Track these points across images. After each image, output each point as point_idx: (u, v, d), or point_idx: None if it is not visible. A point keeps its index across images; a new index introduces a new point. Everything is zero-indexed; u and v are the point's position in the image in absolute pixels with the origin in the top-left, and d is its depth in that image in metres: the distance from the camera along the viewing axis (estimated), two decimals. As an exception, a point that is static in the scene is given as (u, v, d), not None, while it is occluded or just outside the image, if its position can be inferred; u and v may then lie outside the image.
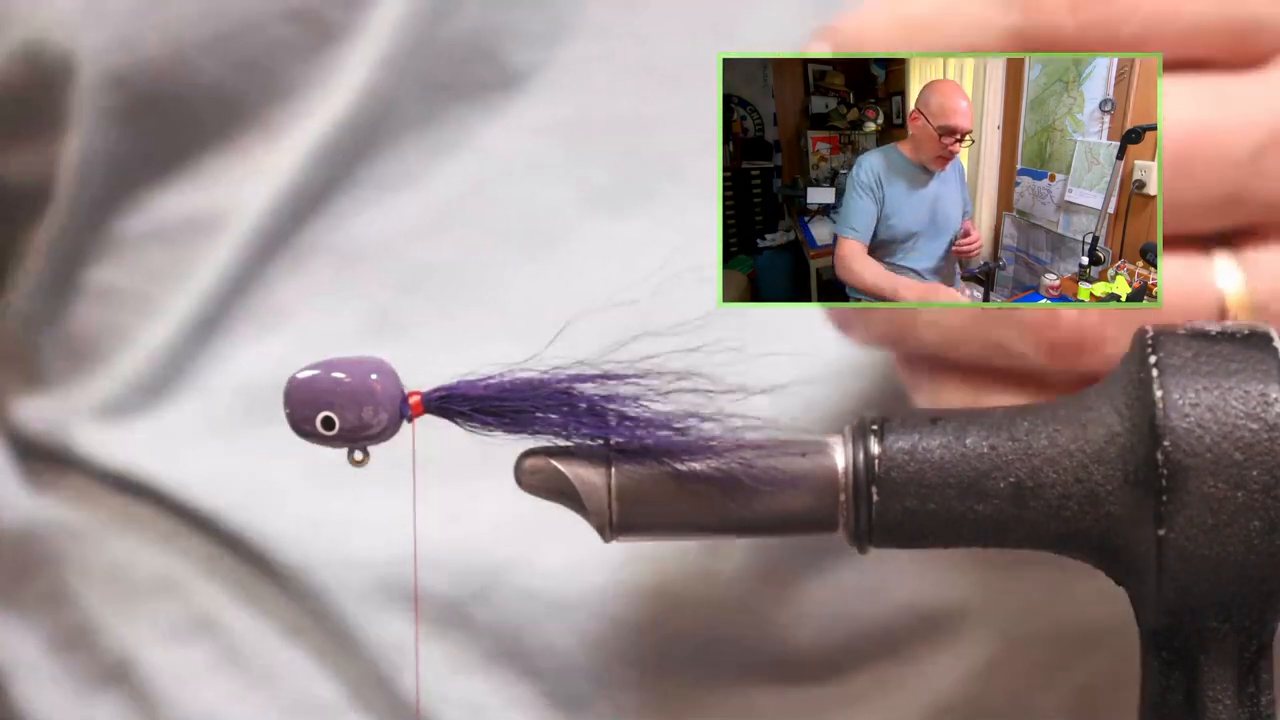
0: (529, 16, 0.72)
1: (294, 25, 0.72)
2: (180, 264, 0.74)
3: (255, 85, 0.72)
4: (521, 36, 0.72)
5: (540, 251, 0.72)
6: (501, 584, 0.71)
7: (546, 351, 0.51)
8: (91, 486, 0.76)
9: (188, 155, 0.74)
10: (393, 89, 0.72)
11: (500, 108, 0.72)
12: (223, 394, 0.74)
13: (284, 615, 0.74)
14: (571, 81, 0.72)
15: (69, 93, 0.73)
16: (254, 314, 0.74)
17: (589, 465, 0.50)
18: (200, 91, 0.72)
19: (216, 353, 0.74)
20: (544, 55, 0.72)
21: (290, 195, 0.73)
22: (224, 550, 0.74)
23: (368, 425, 0.51)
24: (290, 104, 0.73)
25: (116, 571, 0.76)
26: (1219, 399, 0.48)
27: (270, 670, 0.74)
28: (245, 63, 0.72)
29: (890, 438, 0.50)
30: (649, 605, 0.72)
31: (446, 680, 0.72)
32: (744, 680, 0.72)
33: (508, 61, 0.72)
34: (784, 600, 0.71)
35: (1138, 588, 0.49)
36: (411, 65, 0.72)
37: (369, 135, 0.72)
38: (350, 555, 0.72)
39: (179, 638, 0.75)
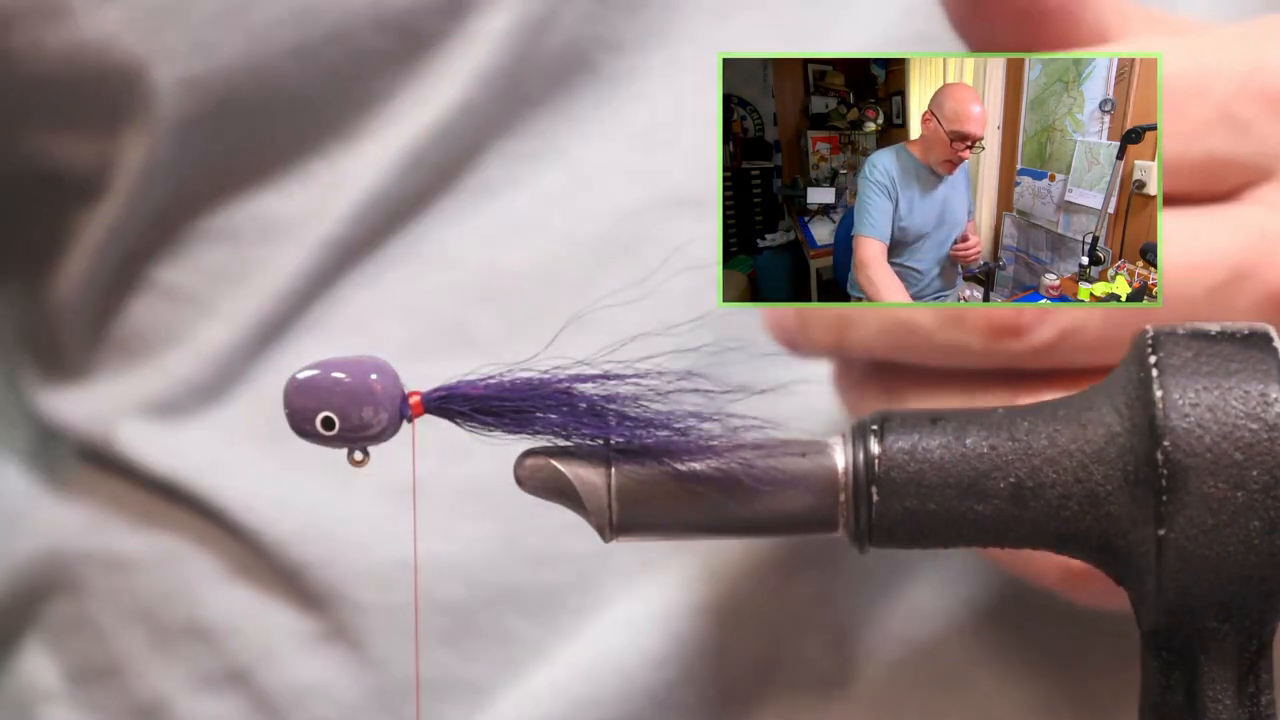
0: (623, 26, 0.72)
1: (384, 35, 0.71)
2: (246, 267, 0.74)
3: (339, 94, 0.72)
4: (614, 46, 0.72)
5: (620, 259, 0.72)
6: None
7: (546, 351, 0.51)
8: (130, 490, 0.75)
9: (264, 160, 0.73)
10: (484, 100, 0.71)
11: (590, 117, 0.72)
12: (274, 400, 0.73)
13: (326, 660, 0.73)
14: (662, 89, 0.72)
15: (136, 94, 0.72)
16: (321, 322, 0.73)
17: (589, 465, 0.50)
18: (281, 99, 0.72)
19: (276, 360, 0.74)
20: (638, 63, 0.72)
21: (370, 204, 0.72)
22: (257, 557, 0.73)
23: (368, 425, 0.51)
24: (375, 113, 0.72)
25: (149, 611, 0.75)
26: (1219, 399, 0.48)
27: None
28: (330, 71, 0.71)
29: (890, 438, 0.50)
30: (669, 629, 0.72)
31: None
32: (748, 694, 0.72)
33: (601, 71, 0.72)
34: (785, 612, 0.71)
35: (1138, 588, 0.49)
36: (506, 77, 0.71)
37: (456, 146, 0.72)
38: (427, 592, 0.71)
39: (211, 688, 0.74)
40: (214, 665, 0.73)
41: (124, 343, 0.76)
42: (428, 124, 0.71)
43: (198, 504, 0.73)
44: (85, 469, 0.77)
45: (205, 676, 0.74)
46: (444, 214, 0.72)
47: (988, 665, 0.71)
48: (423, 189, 0.72)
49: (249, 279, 0.73)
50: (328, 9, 0.70)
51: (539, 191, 0.72)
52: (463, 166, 0.72)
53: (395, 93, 0.72)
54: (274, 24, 0.71)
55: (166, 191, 0.73)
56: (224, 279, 0.74)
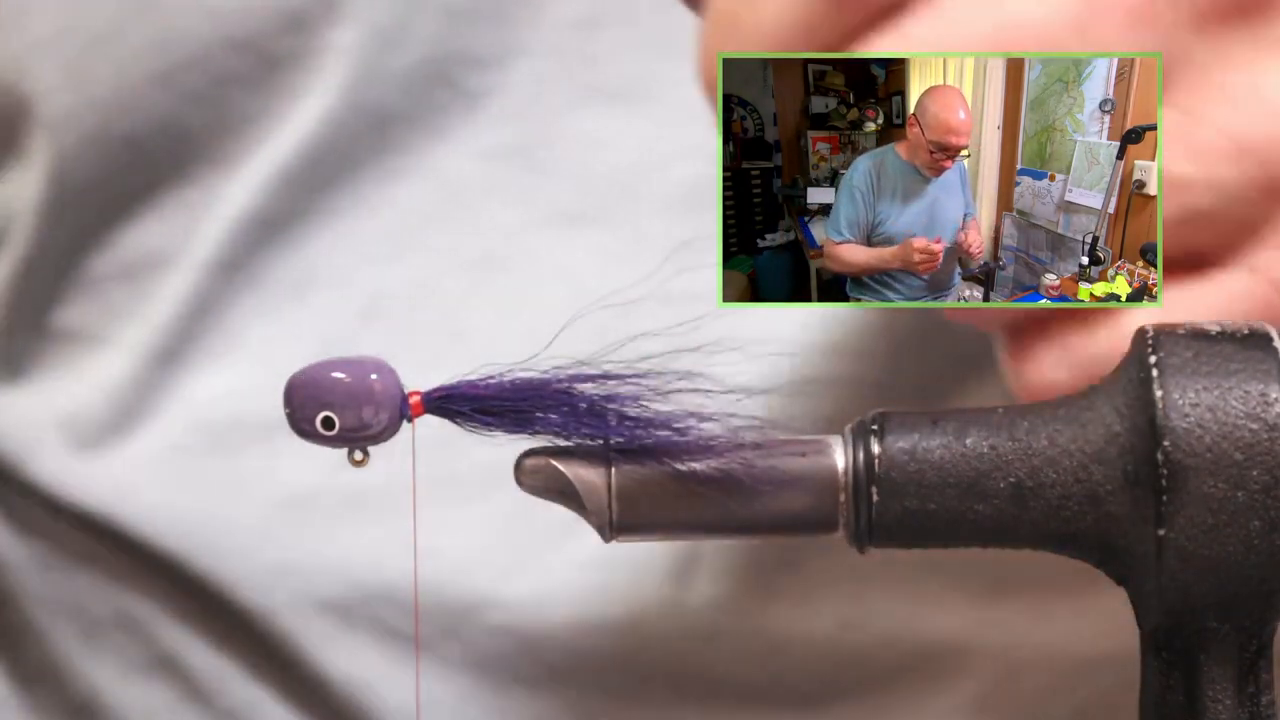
0: (481, 40, 0.72)
1: (239, 56, 0.71)
2: (139, 298, 0.74)
3: (207, 117, 0.72)
4: (474, 61, 0.72)
5: (497, 275, 0.72)
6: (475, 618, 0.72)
7: (546, 351, 0.51)
8: (49, 519, 0.76)
9: (145, 190, 0.73)
10: (346, 117, 0.72)
11: (455, 132, 0.72)
12: (182, 427, 0.74)
13: (247, 655, 0.74)
14: (525, 104, 0.72)
15: (26, 132, 0.73)
16: (210, 345, 0.73)
17: (589, 465, 0.50)
18: (153, 126, 0.72)
19: (174, 386, 0.74)
20: (497, 79, 0.72)
21: (245, 226, 0.73)
22: (185, 589, 0.74)
23: (368, 425, 0.51)
24: (243, 134, 0.72)
25: (79, 607, 0.76)
26: (1219, 399, 0.48)
27: (234, 709, 0.74)
28: (194, 95, 0.72)
29: (890, 438, 0.50)
30: (625, 636, 0.72)
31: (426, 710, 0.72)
32: (731, 709, 0.72)
33: (462, 86, 0.72)
34: (769, 629, 0.71)
35: (1138, 588, 0.49)
36: (363, 93, 0.71)
37: (323, 163, 0.72)
38: (313, 592, 0.72)
39: (143, 675, 0.75)
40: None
41: (30, 380, 0.76)
42: (294, 143, 0.72)
43: (118, 536, 0.74)
44: (8, 496, 0.78)
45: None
46: (322, 232, 0.73)
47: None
48: (297, 208, 0.73)
49: (141, 310, 0.74)
50: (184, 34, 0.71)
51: (413, 209, 0.72)
52: (334, 184, 0.73)
53: (258, 114, 0.72)
54: (137, 52, 0.71)
55: (63, 230, 0.74)
56: (120, 313, 0.75)
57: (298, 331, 0.73)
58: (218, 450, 0.73)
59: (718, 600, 0.71)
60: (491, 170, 0.72)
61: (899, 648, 0.72)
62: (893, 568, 0.70)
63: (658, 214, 0.70)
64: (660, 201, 0.71)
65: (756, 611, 0.71)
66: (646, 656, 0.71)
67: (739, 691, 0.71)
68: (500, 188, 0.72)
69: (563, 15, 0.72)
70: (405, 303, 0.73)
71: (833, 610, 0.71)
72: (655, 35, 0.71)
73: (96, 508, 0.74)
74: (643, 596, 0.71)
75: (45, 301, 0.76)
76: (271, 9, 0.71)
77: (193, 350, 0.74)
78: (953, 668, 0.72)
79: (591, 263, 0.71)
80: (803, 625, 0.71)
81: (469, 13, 0.71)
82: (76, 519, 0.75)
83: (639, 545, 0.70)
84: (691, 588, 0.71)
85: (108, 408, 0.74)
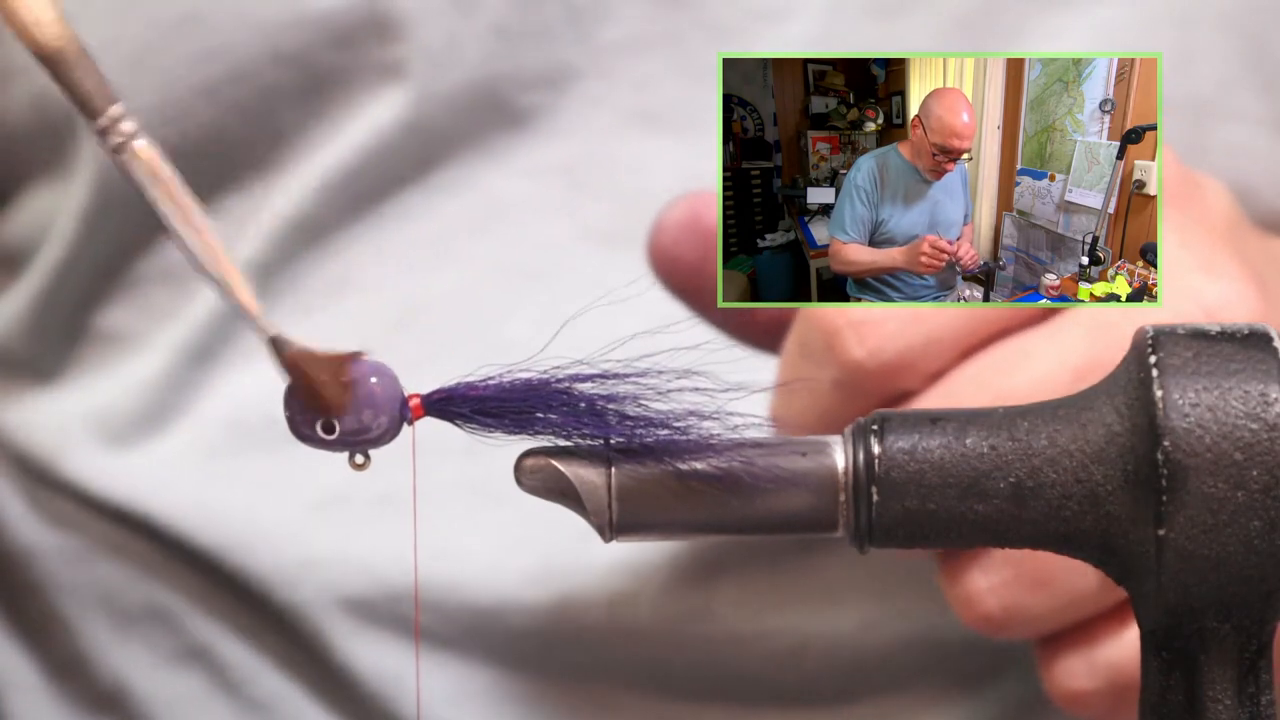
0: (530, 61, 0.72)
1: (284, 70, 0.72)
2: (178, 299, 0.75)
3: (251, 129, 0.73)
4: (523, 81, 0.72)
5: (534, 289, 0.73)
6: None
7: (546, 351, 0.51)
8: (81, 513, 0.76)
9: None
10: (393, 132, 0.72)
11: (501, 150, 0.73)
12: (215, 425, 0.75)
13: (277, 647, 0.74)
14: (572, 125, 0.72)
15: (74, 142, 0.74)
16: (245, 346, 0.74)
17: (589, 465, 0.50)
18: (197, 137, 0.73)
19: (208, 384, 0.75)
20: (546, 99, 0.73)
21: (286, 231, 0.73)
22: (216, 583, 0.74)
23: (368, 428, 0.50)
24: (288, 145, 0.73)
25: (109, 598, 0.76)
26: (1219, 399, 0.48)
27: (262, 701, 0.74)
28: (239, 107, 0.73)
29: (890, 438, 0.50)
30: (649, 637, 0.72)
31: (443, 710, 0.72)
32: (755, 710, 0.72)
33: (510, 106, 0.72)
34: (792, 630, 0.71)
35: (1138, 588, 0.49)
36: (413, 110, 0.72)
37: (368, 175, 0.73)
38: (343, 587, 0.72)
39: (172, 666, 0.75)
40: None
41: (70, 375, 0.77)
42: (341, 155, 0.73)
43: (151, 531, 0.74)
44: (42, 488, 0.78)
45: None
46: (363, 240, 0.73)
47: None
48: (339, 216, 0.73)
49: (179, 310, 0.74)
50: (230, 48, 0.72)
51: (455, 222, 0.73)
52: (378, 195, 0.73)
53: (304, 126, 0.73)
54: (183, 65, 0.72)
55: (99, 235, 0.74)
56: (159, 315, 0.75)
57: (333, 335, 0.73)
58: (250, 448, 0.74)
59: (742, 601, 0.71)
60: (534, 188, 0.73)
61: (921, 649, 0.72)
62: (915, 568, 0.70)
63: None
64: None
65: (779, 613, 0.71)
66: (671, 657, 0.71)
67: (763, 691, 0.71)
68: (542, 206, 0.73)
69: (611, 38, 0.72)
70: (441, 312, 0.73)
71: (855, 611, 0.71)
72: (701, 61, 0.72)
73: (128, 502, 0.75)
74: (667, 599, 0.71)
75: (85, 303, 0.76)
76: (319, 25, 0.71)
77: (228, 350, 0.74)
78: (975, 669, 0.72)
79: (627, 282, 0.72)
80: (826, 626, 0.71)
81: (519, 34, 0.72)
82: (109, 513, 0.75)
83: (663, 548, 0.70)
84: (716, 590, 0.71)
85: (142, 405, 0.75)
